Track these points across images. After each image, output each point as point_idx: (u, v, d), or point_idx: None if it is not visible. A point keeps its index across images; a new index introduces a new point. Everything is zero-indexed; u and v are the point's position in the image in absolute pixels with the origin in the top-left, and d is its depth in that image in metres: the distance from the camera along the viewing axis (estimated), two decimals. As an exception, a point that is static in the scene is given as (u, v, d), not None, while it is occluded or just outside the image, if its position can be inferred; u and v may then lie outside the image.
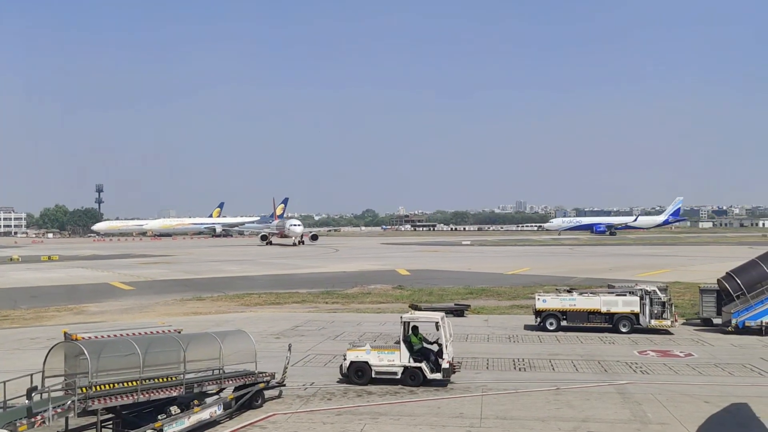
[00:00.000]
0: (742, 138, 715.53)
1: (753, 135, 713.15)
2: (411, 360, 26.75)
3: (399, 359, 26.81)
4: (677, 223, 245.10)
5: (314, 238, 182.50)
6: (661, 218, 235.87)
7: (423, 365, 26.62)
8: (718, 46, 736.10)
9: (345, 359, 27.30)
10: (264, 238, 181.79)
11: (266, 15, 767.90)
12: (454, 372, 27.10)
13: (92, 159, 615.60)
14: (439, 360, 26.61)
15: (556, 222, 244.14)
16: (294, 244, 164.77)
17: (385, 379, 26.77)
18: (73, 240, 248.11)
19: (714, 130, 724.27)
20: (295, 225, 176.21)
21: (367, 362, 26.90)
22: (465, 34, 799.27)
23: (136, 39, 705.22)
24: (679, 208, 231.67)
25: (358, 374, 26.85)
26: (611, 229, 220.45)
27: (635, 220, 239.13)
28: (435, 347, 27.22)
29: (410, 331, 27.42)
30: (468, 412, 23.24)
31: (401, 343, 27.07)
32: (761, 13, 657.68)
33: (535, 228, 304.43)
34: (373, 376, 26.81)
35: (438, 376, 26.57)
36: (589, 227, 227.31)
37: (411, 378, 26.55)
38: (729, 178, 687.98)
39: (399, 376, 26.73)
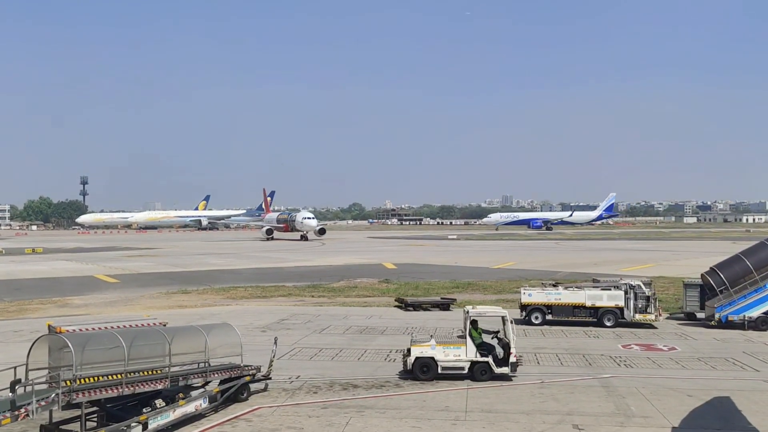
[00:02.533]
0: (725, 135, 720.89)
1: (737, 132, 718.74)
2: (478, 354, 26.68)
3: (465, 354, 26.68)
4: (610, 219, 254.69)
5: (322, 232, 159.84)
6: (594, 214, 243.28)
7: (490, 359, 26.64)
8: (709, 44, 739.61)
9: (409, 355, 26.94)
10: (269, 232, 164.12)
11: (253, 11, 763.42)
12: (518, 366, 27.12)
13: (77, 151, 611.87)
14: (507, 354, 26.63)
15: (494, 217, 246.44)
16: (302, 239, 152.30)
17: (451, 375, 26.59)
18: (58, 232, 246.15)
19: (697, 127, 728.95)
20: (308, 218, 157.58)
21: (433, 357, 26.62)
22: (450, 31, 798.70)
23: (124, 33, 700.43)
24: (612, 204, 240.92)
25: (423, 370, 26.57)
26: (548, 224, 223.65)
27: (571, 215, 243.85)
28: (494, 341, 27.35)
29: (470, 325, 27.26)
30: (453, 405, 23.32)
31: (467, 337, 26.99)
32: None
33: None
34: (440, 371, 26.60)
35: (505, 370, 26.61)
36: (526, 222, 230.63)
37: (481, 372, 26.44)
38: (712, 174, 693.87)
39: (466, 371, 26.61)
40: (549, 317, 40.08)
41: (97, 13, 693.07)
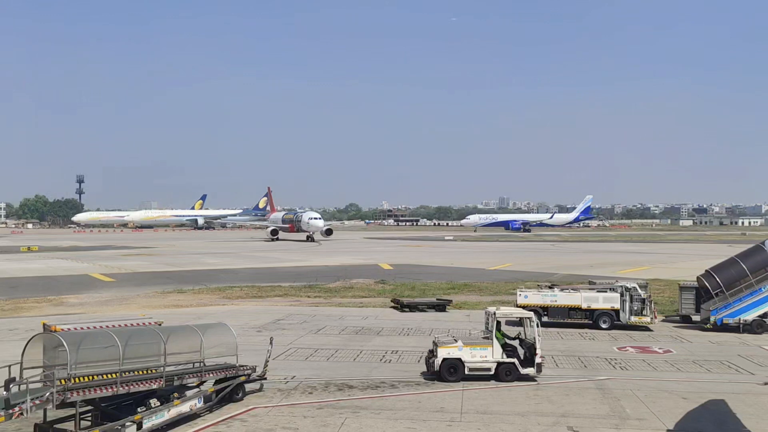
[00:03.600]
0: (722, 138, 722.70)
1: (733, 135, 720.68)
2: (504, 355, 26.75)
3: (492, 355, 26.74)
4: (587, 221, 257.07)
5: (329, 232, 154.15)
6: (572, 216, 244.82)
7: (515, 360, 26.73)
8: (712, 45, 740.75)
9: (435, 356, 26.83)
10: (274, 232, 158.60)
11: (251, 9, 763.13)
12: (543, 366, 27.21)
13: (73, 149, 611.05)
14: (531, 355, 26.76)
15: (473, 219, 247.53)
16: (308, 240, 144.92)
17: (477, 376, 26.61)
18: (53, 231, 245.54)
19: (694, 129, 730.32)
20: (314, 218, 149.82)
21: (460, 359, 26.60)
22: (449, 30, 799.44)
23: (120, 30, 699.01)
24: (589, 206, 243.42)
25: (450, 371, 26.54)
26: (526, 226, 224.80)
27: (551, 217, 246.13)
28: (515, 342, 27.55)
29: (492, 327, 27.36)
30: (448, 406, 23.33)
31: (493, 339, 27.02)
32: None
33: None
34: (466, 372, 26.59)
35: (531, 371, 26.74)
36: (504, 224, 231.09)
37: (506, 373, 26.53)
38: (709, 177, 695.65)
39: (492, 372, 26.66)
40: (545, 319, 40.04)
41: (95, 10, 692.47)
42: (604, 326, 39.22)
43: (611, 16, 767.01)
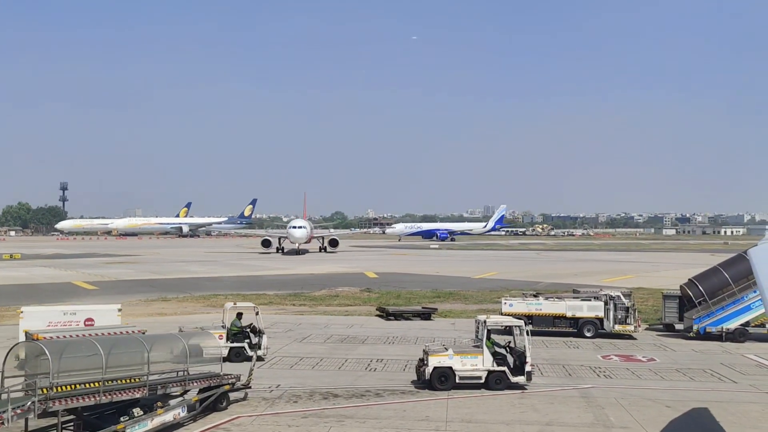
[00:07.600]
0: (704, 148, 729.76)
1: (716, 145, 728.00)
2: (494, 364, 26.76)
3: (482, 363, 26.75)
4: (502, 229, 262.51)
5: (333, 243, 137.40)
6: (490, 225, 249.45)
7: (506, 369, 26.74)
8: (696, 57, 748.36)
9: (426, 365, 26.79)
10: (266, 243, 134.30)
11: (235, 17, 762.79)
12: (533, 374, 27.23)
13: (57, 156, 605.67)
14: (521, 363, 26.82)
15: (399, 227, 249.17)
16: (297, 252, 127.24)
17: (468, 384, 26.60)
18: (36, 238, 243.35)
19: (676, 140, 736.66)
20: (294, 227, 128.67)
21: (450, 367, 26.60)
22: (433, 40, 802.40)
23: (105, 35, 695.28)
24: (503, 215, 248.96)
25: (441, 380, 26.51)
26: (452, 235, 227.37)
27: (485, 226, 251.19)
28: (504, 351, 27.56)
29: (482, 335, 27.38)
30: (433, 415, 23.32)
31: (484, 347, 27.03)
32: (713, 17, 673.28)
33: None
34: (457, 381, 26.56)
35: (521, 379, 26.76)
36: (429, 233, 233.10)
37: (496, 382, 26.57)
38: (691, 187, 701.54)
39: (483, 381, 26.66)
40: (529, 327, 40.04)
41: (78, 14, 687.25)
42: (588, 335, 39.40)
43: (612, 23, 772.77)
